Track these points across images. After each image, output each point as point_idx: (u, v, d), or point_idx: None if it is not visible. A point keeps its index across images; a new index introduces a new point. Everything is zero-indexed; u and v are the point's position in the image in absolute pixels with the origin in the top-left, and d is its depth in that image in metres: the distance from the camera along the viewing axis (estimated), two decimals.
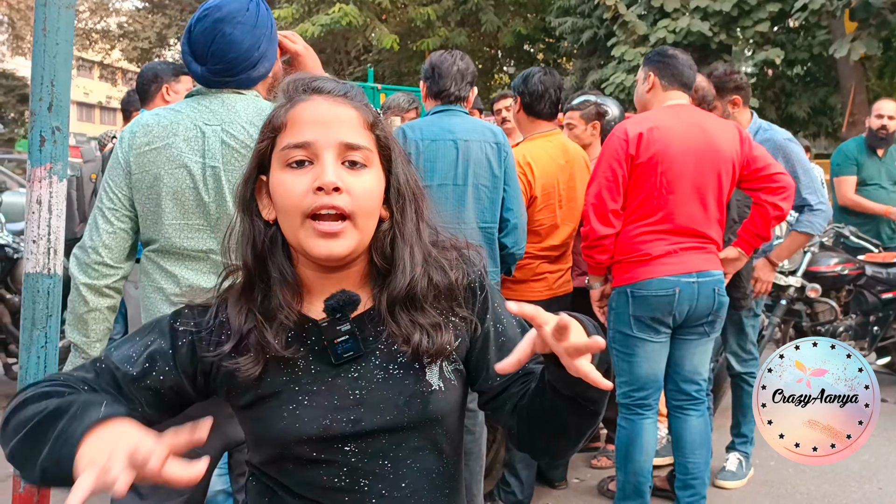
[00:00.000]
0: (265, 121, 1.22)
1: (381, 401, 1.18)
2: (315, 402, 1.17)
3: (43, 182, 1.46)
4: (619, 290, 3.21)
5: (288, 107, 1.19)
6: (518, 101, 3.68)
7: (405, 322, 1.20)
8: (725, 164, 3.16)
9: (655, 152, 3.09)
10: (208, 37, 2.01)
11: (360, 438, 1.18)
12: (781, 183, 3.22)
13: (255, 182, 1.22)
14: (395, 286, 1.20)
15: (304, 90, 1.20)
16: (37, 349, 1.50)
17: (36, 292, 1.49)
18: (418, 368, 1.20)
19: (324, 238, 1.13)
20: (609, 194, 3.12)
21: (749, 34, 12.74)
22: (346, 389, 1.18)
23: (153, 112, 2.10)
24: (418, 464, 1.21)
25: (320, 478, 1.18)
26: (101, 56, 31.59)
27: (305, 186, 1.13)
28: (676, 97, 3.25)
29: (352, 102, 1.20)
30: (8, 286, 4.97)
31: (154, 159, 2.01)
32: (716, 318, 3.22)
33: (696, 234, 3.15)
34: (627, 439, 3.24)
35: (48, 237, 1.48)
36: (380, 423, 1.18)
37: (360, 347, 1.19)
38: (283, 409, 1.17)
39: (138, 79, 3.79)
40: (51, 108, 1.45)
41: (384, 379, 1.20)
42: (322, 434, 1.16)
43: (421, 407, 1.19)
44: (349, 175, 1.15)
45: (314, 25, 15.41)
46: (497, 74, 20.84)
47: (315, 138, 1.14)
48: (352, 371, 1.19)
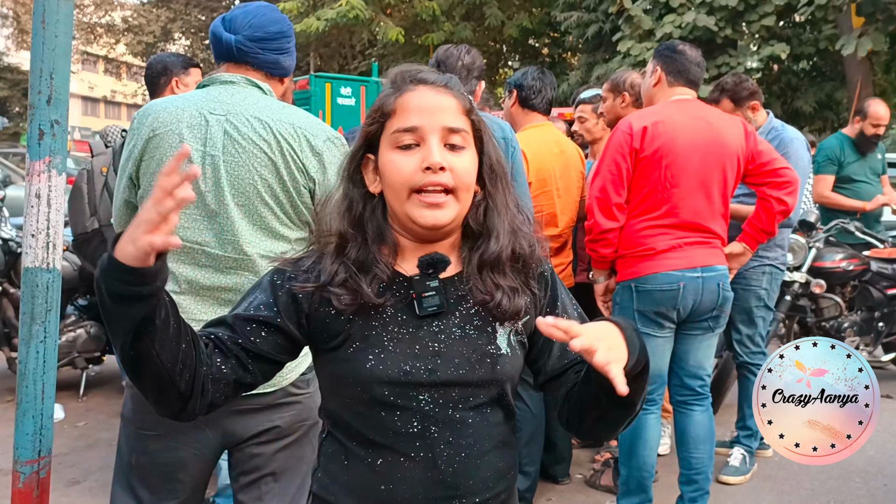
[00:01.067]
0: (374, 106, 1.37)
1: (457, 356, 1.31)
2: (399, 348, 1.30)
3: (42, 176, 1.45)
4: (624, 284, 3.20)
5: (396, 95, 1.34)
6: (514, 94, 3.69)
7: (489, 282, 1.34)
8: (730, 159, 3.15)
9: (660, 146, 3.07)
10: (250, 12, 2.11)
11: (433, 388, 1.29)
12: (786, 178, 3.21)
13: (362, 159, 1.37)
14: (488, 250, 1.35)
15: (411, 81, 1.36)
16: (36, 343, 1.49)
17: (35, 287, 1.48)
18: (491, 332, 1.34)
19: (430, 208, 1.29)
20: (613, 188, 3.11)
21: (755, 29, 12.68)
22: (427, 341, 1.31)
23: (163, 99, 2.10)
24: (480, 418, 1.33)
25: (395, 423, 1.29)
26: (105, 50, 31.64)
27: (414, 166, 1.29)
28: (681, 93, 3.24)
29: (452, 91, 1.36)
30: (12, 280, 4.98)
31: (158, 145, 2.00)
32: (720, 312, 3.21)
33: (701, 229, 3.14)
34: (631, 434, 3.24)
35: (47, 231, 1.47)
36: (453, 375, 1.30)
37: (444, 304, 1.33)
38: (370, 352, 1.29)
39: (147, 70, 3.76)
40: (50, 101, 1.44)
41: (461, 336, 1.33)
42: (402, 378, 1.28)
43: (490, 366, 1.32)
44: (451, 155, 1.31)
45: (319, 20, 15.39)
46: (502, 69, 20.80)
47: (422, 123, 1.30)
48: (433, 326, 1.33)
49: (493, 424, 1.35)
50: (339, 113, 10.03)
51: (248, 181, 1.97)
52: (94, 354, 5.08)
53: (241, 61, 2.10)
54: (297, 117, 2.05)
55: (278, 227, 2.02)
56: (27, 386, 1.50)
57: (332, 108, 10.10)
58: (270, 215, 2.00)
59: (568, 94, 14.72)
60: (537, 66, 3.88)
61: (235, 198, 1.96)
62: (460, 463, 1.30)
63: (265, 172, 1.97)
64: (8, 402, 5.13)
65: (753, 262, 3.87)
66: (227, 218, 1.96)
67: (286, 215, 2.02)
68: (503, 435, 1.37)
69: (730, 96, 3.94)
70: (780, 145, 3.87)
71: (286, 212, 2.02)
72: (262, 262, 1.99)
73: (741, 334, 3.98)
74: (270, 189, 1.98)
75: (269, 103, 2.05)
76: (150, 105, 2.09)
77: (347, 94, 10.30)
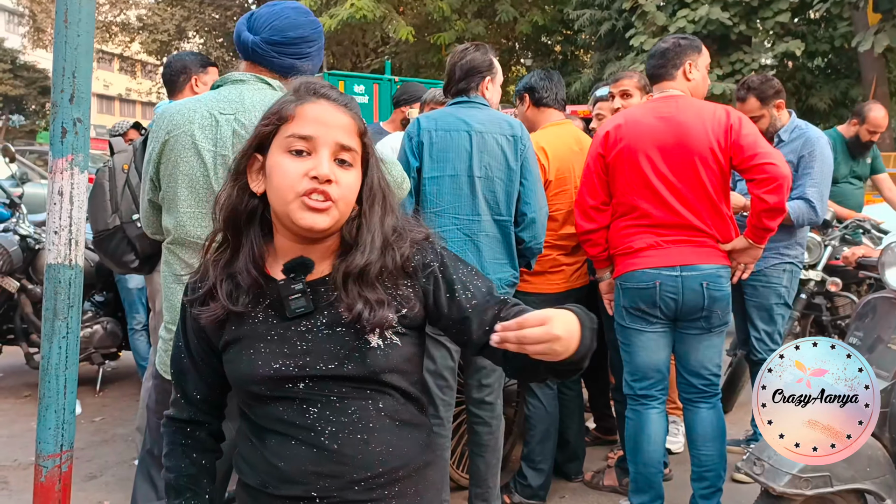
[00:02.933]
0: (272, 109, 1.41)
1: (325, 352, 1.37)
2: (268, 348, 1.38)
3: (64, 173, 1.47)
4: (615, 281, 3.30)
5: (297, 102, 1.39)
6: (526, 98, 3.71)
7: (353, 293, 1.38)
8: (702, 154, 3.08)
9: (621, 149, 3.16)
10: (275, 14, 2.13)
11: (308, 378, 1.37)
12: (769, 174, 3.04)
13: (249, 158, 1.42)
14: (353, 263, 1.39)
15: (314, 93, 1.41)
16: (58, 339, 1.51)
17: (58, 283, 1.50)
18: (359, 329, 1.38)
19: (311, 212, 1.34)
20: (587, 191, 3.26)
21: (769, 25, 12.62)
22: (295, 340, 1.38)
23: (178, 102, 2.15)
24: (364, 400, 1.39)
25: (277, 410, 1.38)
26: (120, 48, 31.78)
27: (302, 171, 1.34)
28: (660, 90, 3.27)
29: (349, 112, 1.42)
30: (30, 276, 5.03)
31: (173, 146, 2.06)
32: (710, 313, 3.16)
33: (684, 228, 3.12)
34: (635, 430, 3.26)
35: (69, 228, 1.49)
36: (323, 370, 1.37)
37: (310, 305, 1.39)
38: (244, 353, 1.40)
39: (166, 69, 3.78)
40: (72, 100, 1.45)
41: (329, 335, 1.39)
42: (273, 375, 1.37)
43: (359, 360, 1.37)
44: (338, 170, 1.37)
45: (331, 18, 15.42)
46: (514, 67, 20.76)
47: (317, 134, 1.36)
48: (301, 326, 1.39)
49: (383, 407, 1.40)
50: None
51: None
52: (110, 350, 5.13)
53: (258, 62, 2.14)
54: None
55: None
56: (49, 381, 1.52)
57: None
58: None
59: (581, 91, 14.71)
60: (550, 64, 3.90)
61: None
62: (345, 438, 1.36)
63: None
64: (25, 397, 5.18)
65: (773, 259, 3.87)
66: None
67: None
68: (401, 415, 1.42)
69: (756, 95, 3.93)
70: (805, 145, 3.86)
71: None
72: None
73: (760, 332, 3.96)
74: None
75: (276, 98, 2.08)
76: (166, 109, 2.15)
77: (361, 92, 10.31)
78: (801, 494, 2.48)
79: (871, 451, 2.56)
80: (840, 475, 2.49)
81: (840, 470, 2.48)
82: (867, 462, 2.53)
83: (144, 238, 2.35)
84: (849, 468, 2.49)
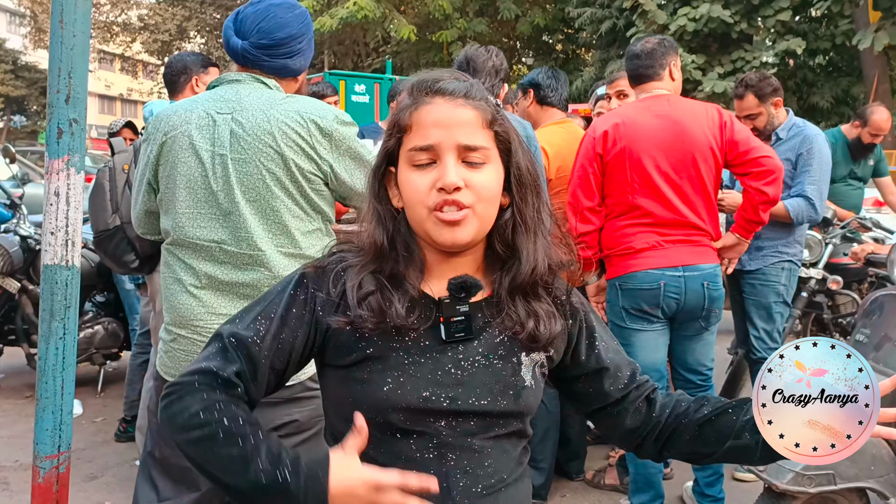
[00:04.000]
0: (391, 118, 1.31)
1: (479, 385, 1.25)
2: (419, 373, 1.24)
3: (61, 174, 1.46)
4: (611, 282, 3.24)
5: (412, 109, 1.28)
6: (530, 94, 3.71)
7: (521, 310, 1.29)
8: (702, 152, 3.11)
9: (621, 149, 3.10)
10: (260, 15, 2.08)
11: (452, 416, 1.23)
12: (766, 167, 3.13)
13: (385, 174, 1.32)
14: (519, 273, 1.28)
15: (428, 92, 1.28)
16: (55, 340, 1.51)
17: (54, 283, 1.50)
18: (516, 363, 1.28)
19: (448, 226, 1.22)
20: (583, 192, 3.17)
21: (770, 23, 12.62)
22: (449, 367, 1.25)
23: (174, 103, 2.14)
24: (499, 450, 1.27)
25: (409, 448, 1.23)
26: (122, 49, 31.82)
27: (429, 184, 1.23)
28: (647, 90, 3.25)
29: (472, 103, 1.27)
30: (31, 277, 5.03)
31: (171, 148, 2.05)
32: (710, 312, 3.19)
33: (684, 226, 3.13)
34: None
35: (66, 229, 1.48)
36: (475, 406, 1.24)
37: (472, 331, 1.27)
38: (388, 374, 1.23)
39: (167, 69, 3.79)
40: (68, 100, 1.45)
41: (485, 365, 1.26)
42: (420, 405, 1.22)
43: (513, 398, 1.26)
44: (469, 172, 1.24)
45: (332, 18, 15.42)
46: (515, 65, 20.76)
47: (437, 141, 1.24)
48: (457, 352, 1.26)
49: (512, 458, 1.30)
50: (353, 110, 10.05)
51: (256, 177, 1.99)
52: (111, 350, 5.12)
53: (249, 66, 2.12)
54: (301, 104, 2.07)
55: (291, 220, 2.04)
56: (46, 382, 1.52)
57: (347, 106, 10.12)
58: (283, 208, 2.02)
59: (582, 90, 14.71)
60: (552, 63, 3.90)
61: (246, 195, 1.99)
62: (476, 497, 1.24)
63: (272, 166, 1.99)
64: (27, 398, 5.18)
65: (772, 257, 3.86)
66: (239, 216, 2.00)
67: (298, 207, 2.05)
68: (521, 457, 1.33)
69: (754, 92, 3.91)
70: (803, 142, 3.85)
71: (298, 203, 2.04)
72: (276, 258, 2.02)
73: (759, 330, 3.96)
74: (280, 182, 2.01)
75: (273, 97, 2.07)
76: (162, 111, 2.14)
77: (361, 92, 10.33)
78: (804, 492, 2.47)
79: (875, 450, 2.56)
80: (843, 473, 2.48)
81: (843, 468, 2.47)
82: (871, 460, 2.53)
83: (145, 238, 2.34)
84: (852, 466, 2.48)
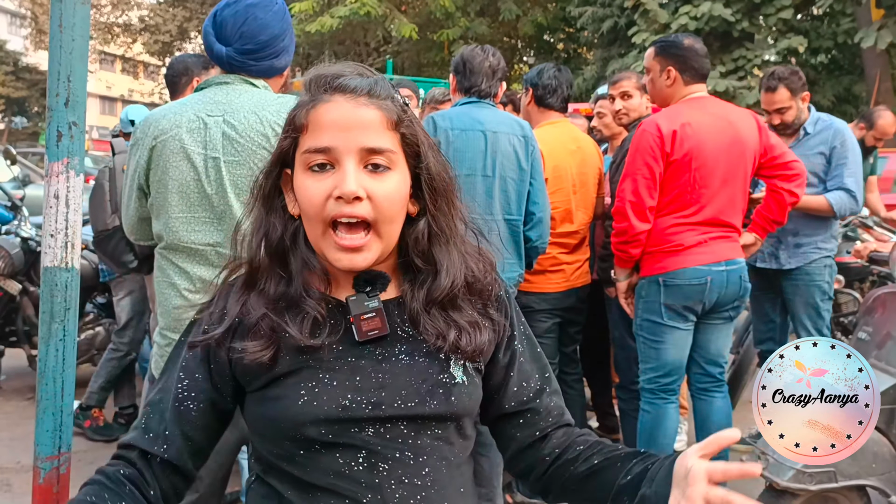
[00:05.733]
0: (287, 118, 1.19)
1: (405, 386, 1.15)
2: (336, 380, 1.14)
3: (60, 177, 1.47)
4: (650, 279, 3.24)
5: (309, 107, 1.16)
6: (530, 93, 3.70)
7: (440, 320, 1.18)
8: (749, 154, 3.20)
9: (689, 149, 3.11)
10: (240, 18, 2.04)
11: (379, 423, 1.14)
12: (796, 170, 3.27)
13: (279, 177, 1.21)
14: (438, 288, 1.18)
15: (326, 89, 1.16)
16: (55, 342, 1.51)
17: (54, 286, 1.50)
18: (443, 360, 1.18)
19: (346, 252, 1.12)
20: (647, 191, 3.15)
21: (772, 21, 12.59)
22: (369, 371, 1.15)
23: (161, 107, 2.13)
24: (438, 453, 1.17)
25: (336, 462, 1.13)
26: (122, 50, 31.85)
27: (326, 192, 1.11)
28: (697, 90, 3.26)
29: (376, 102, 1.15)
30: (32, 279, 5.04)
31: (161, 152, 2.03)
32: (741, 303, 3.29)
33: (723, 224, 3.19)
34: (652, 423, 3.29)
35: (66, 231, 1.49)
36: (402, 409, 1.14)
37: (386, 327, 1.17)
38: (301, 388, 1.13)
39: (168, 70, 3.80)
40: (67, 104, 1.45)
41: (409, 365, 1.17)
42: (341, 415, 1.12)
43: (444, 398, 1.16)
44: (371, 180, 1.12)
45: (333, 17, 15.42)
46: (517, 65, 20.75)
47: (335, 143, 1.12)
48: (376, 353, 1.17)
49: (451, 455, 1.19)
50: None
51: (250, 179, 1.99)
52: None
53: (238, 68, 2.10)
54: (293, 103, 2.07)
55: None
56: (47, 383, 1.52)
57: None
58: None
59: (584, 89, 14.70)
60: (553, 62, 3.88)
61: (240, 197, 1.99)
62: None
63: None
64: (28, 399, 5.19)
65: (814, 254, 3.90)
66: (232, 218, 1.98)
67: None
68: (464, 461, 1.23)
69: (787, 85, 3.88)
70: (835, 135, 3.87)
71: None
72: None
73: (809, 330, 3.97)
74: None
75: (263, 97, 2.06)
76: (150, 115, 2.13)
77: None
78: (805, 490, 2.48)
79: (876, 448, 2.56)
80: (845, 471, 2.49)
81: (845, 466, 2.48)
82: (872, 458, 2.53)
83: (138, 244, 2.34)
84: (854, 464, 2.49)
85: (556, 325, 3.62)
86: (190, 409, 1.20)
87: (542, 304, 3.55)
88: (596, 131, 4.36)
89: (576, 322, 3.78)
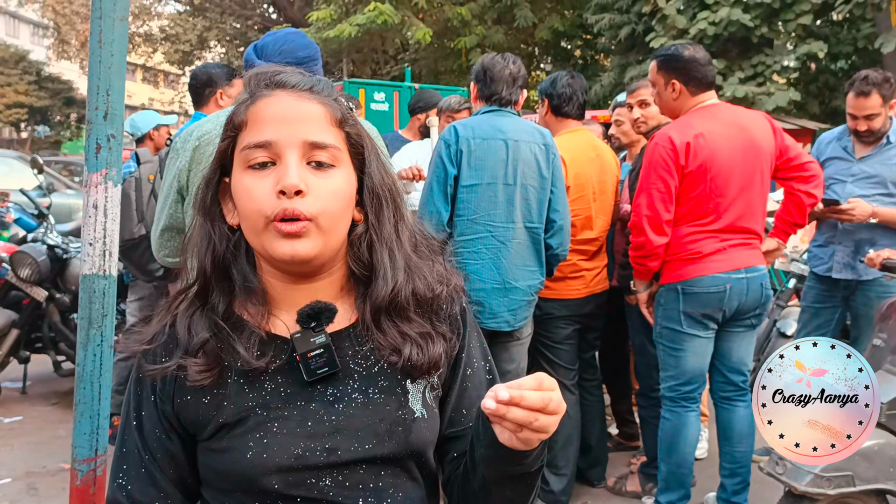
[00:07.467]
0: (226, 119, 1.13)
1: (360, 428, 1.08)
2: (286, 428, 1.06)
3: (99, 187, 1.52)
4: (669, 287, 3.25)
5: (249, 103, 1.10)
6: (546, 103, 3.73)
7: (393, 333, 1.11)
8: (766, 159, 3.20)
9: (704, 160, 3.12)
10: (279, 40, 2.28)
11: (336, 470, 1.07)
12: (812, 171, 3.26)
13: (219, 185, 1.14)
14: (378, 293, 1.11)
15: (267, 85, 1.11)
16: (93, 347, 1.56)
17: (92, 293, 1.55)
18: (400, 394, 1.12)
19: (287, 238, 1.04)
20: (663, 205, 3.16)
21: (791, 27, 12.53)
22: (321, 414, 1.08)
23: (207, 119, 2.25)
24: (402, 492, 1.11)
25: None
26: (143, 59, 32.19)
27: (268, 189, 1.04)
28: (706, 98, 3.26)
29: (318, 97, 1.10)
30: (58, 286, 5.12)
31: (205, 150, 2.21)
32: (763, 310, 3.28)
33: (743, 231, 3.19)
34: (673, 431, 3.29)
35: (104, 240, 1.54)
36: (358, 453, 1.08)
37: (336, 363, 1.09)
38: (250, 438, 1.06)
39: (192, 80, 3.84)
40: (106, 117, 1.50)
41: (363, 403, 1.09)
42: (294, 465, 1.05)
43: (403, 436, 1.10)
44: (314, 176, 1.06)
45: (351, 25, 15.51)
46: (534, 72, 20.77)
47: (277, 137, 1.05)
48: (327, 394, 1.09)
49: (415, 494, 1.13)
50: (372, 119, 10.11)
51: None
52: None
53: None
54: None
55: None
56: (84, 388, 1.57)
57: (366, 114, 10.20)
58: None
59: (601, 96, 14.70)
60: (567, 69, 3.90)
61: None
62: None
63: None
64: (53, 404, 5.26)
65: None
66: None
67: None
68: (427, 498, 1.16)
69: (880, 91, 3.74)
70: None
71: None
72: None
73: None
74: None
75: None
76: (192, 125, 2.31)
77: (381, 100, 10.38)
78: (823, 494, 2.49)
79: (894, 452, 2.56)
80: (862, 475, 2.49)
81: (862, 470, 2.48)
82: (890, 462, 2.54)
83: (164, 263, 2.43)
84: (871, 468, 2.50)
85: (576, 331, 3.65)
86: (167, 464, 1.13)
87: (562, 310, 3.58)
88: (614, 139, 4.38)
89: (594, 328, 3.80)
